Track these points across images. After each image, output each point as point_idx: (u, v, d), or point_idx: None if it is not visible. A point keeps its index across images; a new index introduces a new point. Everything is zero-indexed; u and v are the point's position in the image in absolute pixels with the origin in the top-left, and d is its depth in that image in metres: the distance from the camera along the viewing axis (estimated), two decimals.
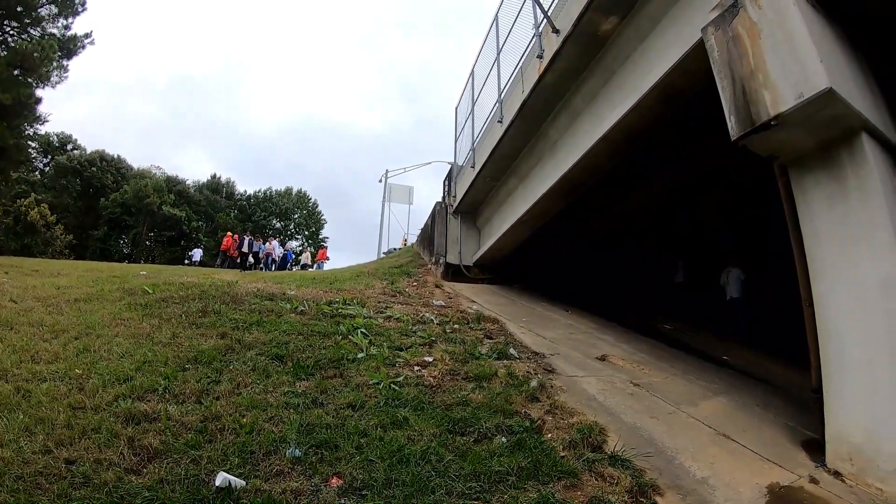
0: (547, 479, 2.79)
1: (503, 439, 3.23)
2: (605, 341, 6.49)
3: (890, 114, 3.85)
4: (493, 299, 8.46)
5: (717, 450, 3.42)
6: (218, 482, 2.44)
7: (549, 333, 6.40)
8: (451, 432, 3.27)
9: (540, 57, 6.42)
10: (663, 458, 3.21)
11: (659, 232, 12.05)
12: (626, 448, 3.17)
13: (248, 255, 17.96)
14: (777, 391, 5.36)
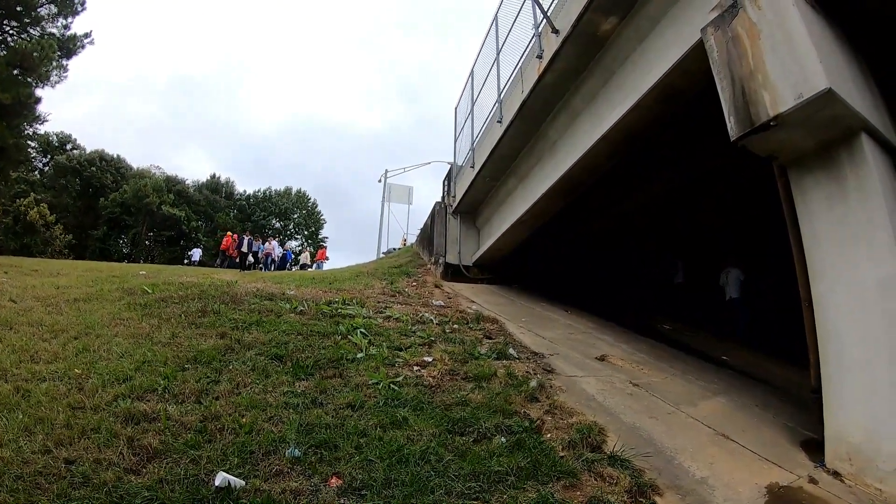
0: (546, 479, 2.79)
1: (502, 439, 3.23)
2: (605, 341, 6.50)
3: (889, 114, 3.86)
4: (492, 299, 8.46)
5: (716, 450, 3.42)
6: (217, 482, 2.44)
7: (549, 333, 6.41)
8: (450, 432, 3.27)
9: (539, 57, 6.43)
10: (662, 458, 3.21)
11: (658, 232, 12.06)
12: (625, 448, 3.17)
13: (247, 255, 17.97)
14: (776, 391, 5.36)
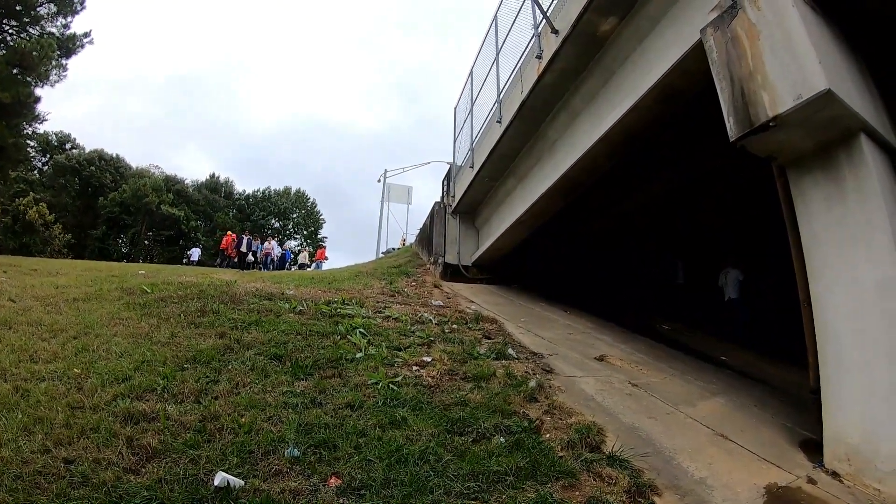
0: (545, 479, 2.80)
1: (501, 439, 3.23)
2: (604, 341, 6.50)
3: (889, 115, 3.86)
4: (491, 299, 8.46)
5: (715, 450, 3.43)
6: (217, 482, 2.44)
7: (548, 333, 6.41)
8: (449, 432, 3.27)
9: (539, 57, 6.43)
10: (661, 459, 3.22)
11: (658, 232, 12.07)
12: (624, 448, 3.18)
13: (246, 255, 17.97)
14: (775, 391, 5.37)
